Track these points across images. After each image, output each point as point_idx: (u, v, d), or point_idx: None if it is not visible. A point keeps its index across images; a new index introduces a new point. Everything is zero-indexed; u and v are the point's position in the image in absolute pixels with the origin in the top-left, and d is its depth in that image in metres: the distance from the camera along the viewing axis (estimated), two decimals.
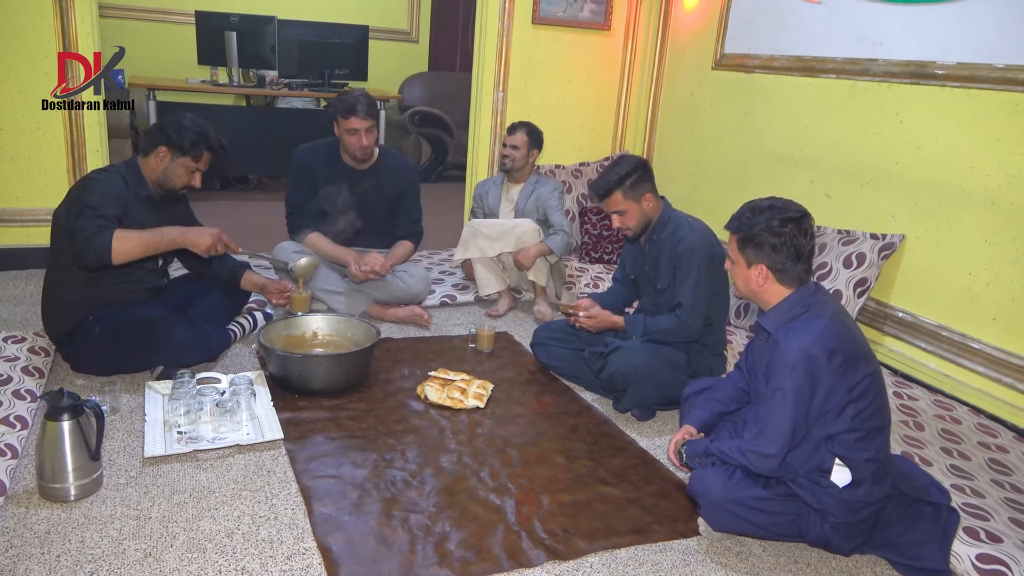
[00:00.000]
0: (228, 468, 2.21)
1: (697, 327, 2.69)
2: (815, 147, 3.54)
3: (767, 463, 1.91)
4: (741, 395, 2.23)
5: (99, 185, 2.56)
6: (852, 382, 1.87)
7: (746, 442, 1.96)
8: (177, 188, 2.73)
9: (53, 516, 1.93)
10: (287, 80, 6.00)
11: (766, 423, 1.91)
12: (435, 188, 6.65)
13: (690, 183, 4.35)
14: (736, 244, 1.99)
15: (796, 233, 1.92)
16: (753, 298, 2.04)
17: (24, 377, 2.52)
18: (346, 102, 3.26)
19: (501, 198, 3.91)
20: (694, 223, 2.71)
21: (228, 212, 5.35)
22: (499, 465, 2.34)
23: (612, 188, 2.66)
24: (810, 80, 3.57)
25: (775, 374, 1.89)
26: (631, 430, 2.67)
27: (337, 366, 2.71)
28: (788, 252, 1.92)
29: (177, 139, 2.63)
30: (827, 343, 1.85)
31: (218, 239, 2.67)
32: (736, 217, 2.01)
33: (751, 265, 1.97)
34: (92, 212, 2.45)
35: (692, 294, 2.65)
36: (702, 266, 2.64)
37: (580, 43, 4.57)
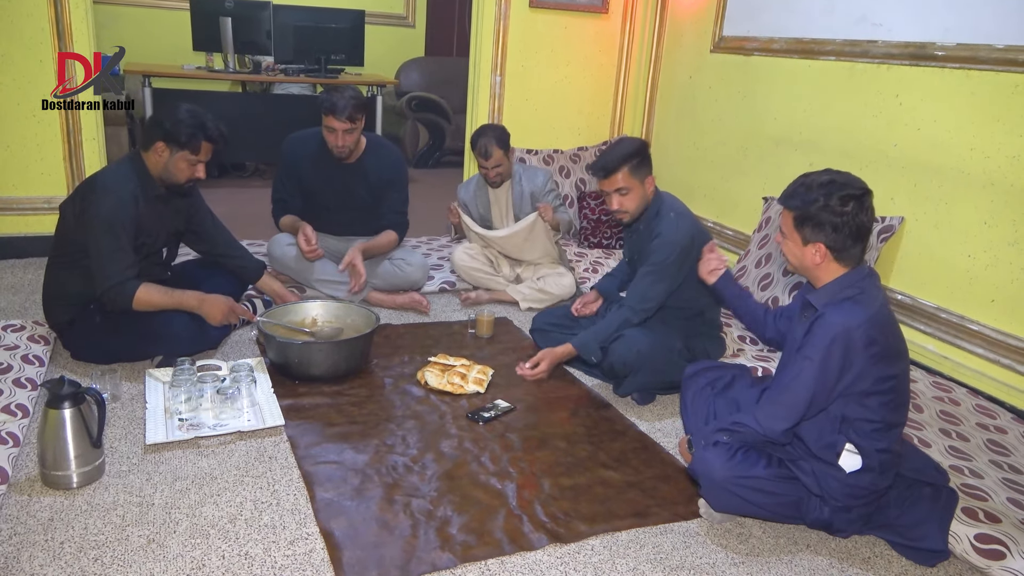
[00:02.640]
0: (230, 454, 2.22)
1: (640, 313, 2.69)
2: (814, 130, 3.53)
3: (775, 425, 1.92)
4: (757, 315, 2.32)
5: (113, 201, 2.53)
6: (882, 375, 1.86)
7: (759, 405, 1.96)
8: (181, 183, 2.68)
9: (56, 503, 1.94)
10: (283, 66, 5.96)
11: (786, 388, 1.92)
12: (432, 174, 6.63)
13: (689, 167, 4.34)
14: (792, 222, 1.92)
15: (858, 211, 1.86)
16: (805, 273, 2.00)
17: (24, 365, 2.52)
18: (330, 99, 3.19)
19: (490, 202, 3.70)
20: (677, 216, 2.68)
21: (225, 199, 5.32)
22: (499, 450, 2.35)
23: (619, 165, 2.63)
24: (809, 62, 3.55)
25: (809, 344, 1.88)
26: (631, 414, 2.67)
27: (337, 352, 2.71)
28: (849, 232, 1.86)
29: (173, 133, 2.58)
30: (871, 331, 1.83)
31: (230, 311, 2.73)
32: (792, 193, 1.93)
33: (808, 243, 1.91)
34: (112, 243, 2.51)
35: (642, 284, 2.68)
36: (669, 261, 2.63)
37: (578, 26, 4.55)
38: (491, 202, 3.66)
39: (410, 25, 7.45)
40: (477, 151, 3.47)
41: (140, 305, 2.58)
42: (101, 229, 2.52)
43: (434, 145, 6.90)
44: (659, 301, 2.71)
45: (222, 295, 2.76)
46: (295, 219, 3.42)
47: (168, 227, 2.81)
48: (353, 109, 3.19)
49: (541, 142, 4.61)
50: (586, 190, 4.50)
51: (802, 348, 1.92)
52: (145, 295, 2.58)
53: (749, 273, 3.40)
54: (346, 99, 3.18)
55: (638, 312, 2.71)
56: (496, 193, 3.64)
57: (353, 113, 3.20)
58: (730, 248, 4.00)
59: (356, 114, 3.22)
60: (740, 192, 4.00)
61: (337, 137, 3.26)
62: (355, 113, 3.21)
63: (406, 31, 7.43)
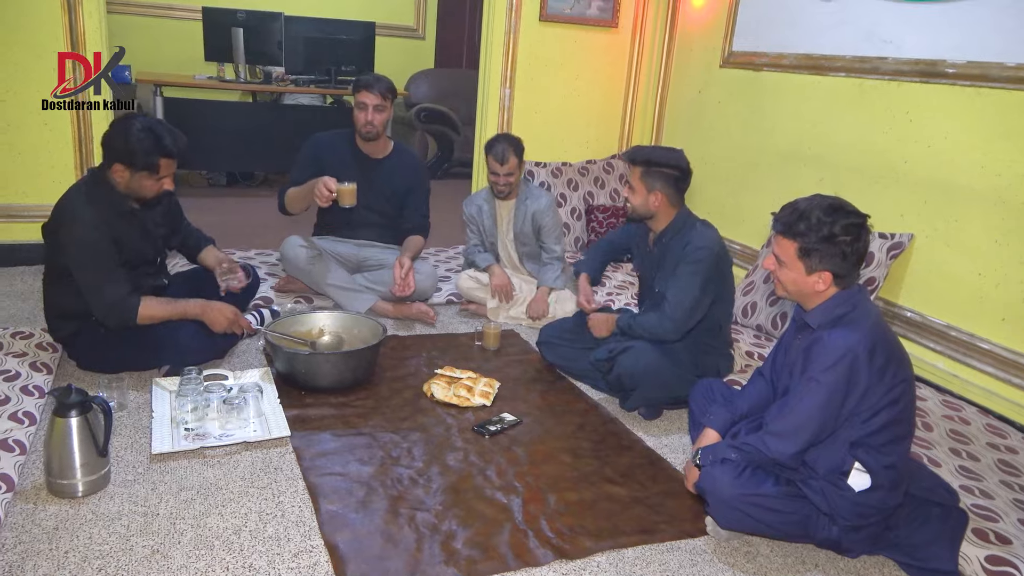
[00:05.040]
0: (235, 465, 2.21)
1: (679, 325, 2.64)
2: (823, 145, 3.53)
3: (783, 448, 1.91)
4: (764, 403, 2.21)
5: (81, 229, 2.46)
6: (889, 385, 1.86)
7: (767, 428, 1.95)
8: (149, 198, 2.59)
9: (61, 512, 1.93)
10: (293, 76, 6.00)
11: (793, 412, 1.91)
12: (441, 185, 6.63)
13: (697, 181, 4.26)
14: (796, 252, 1.91)
15: (862, 238, 1.88)
16: (800, 299, 2.00)
17: (32, 373, 2.53)
18: (363, 77, 3.38)
19: (496, 218, 3.64)
20: (705, 231, 2.69)
21: (234, 208, 5.36)
22: (505, 463, 2.34)
23: (638, 161, 2.66)
24: (819, 78, 3.55)
25: (813, 367, 1.88)
26: (638, 429, 2.66)
27: (344, 363, 2.71)
28: (856, 259, 1.89)
29: (129, 155, 2.45)
30: (871, 342, 1.84)
31: (234, 319, 2.71)
32: (791, 222, 1.91)
33: (812, 272, 1.91)
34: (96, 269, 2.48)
35: (683, 292, 2.63)
36: (704, 270, 2.62)
37: (587, 40, 4.56)
38: (496, 216, 3.63)
39: (420, 37, 7.49)
40: (493, 155, 3.42)
41: (144, 320, 2.57)
42: (81, 259, 2.48)
43: (442, 156, 6.91)
44: (700, 311, 2.65)
45: (227, 303, 2.76)
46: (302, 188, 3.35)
47: (153, 234, 2.75)
48: (386, 88, 3.35)
49: (549, 155, 4.62)
50: (594, 203, 4.50)
51: (806, 370, 1.92)
52: (147, 310, 2.56)
53: (757, 289, 3.39)
54: (380, 78, 3.37)
55: (680, 323, 2.63)
56: (501, 208, 3.62)
57: (385, 91, 3.34)
58: (739, 263, 3.99)
59: (388, 93, 3.35)
60: (748, 207, 4.00)
61: (368, 112, 3.32)
62: (387, 92, 3.35)
63: (416, 43, 7.46)
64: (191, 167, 5.81)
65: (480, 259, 3.62)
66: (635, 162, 2.69)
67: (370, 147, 3.49)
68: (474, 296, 3.64)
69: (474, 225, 3.69)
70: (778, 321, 3.24)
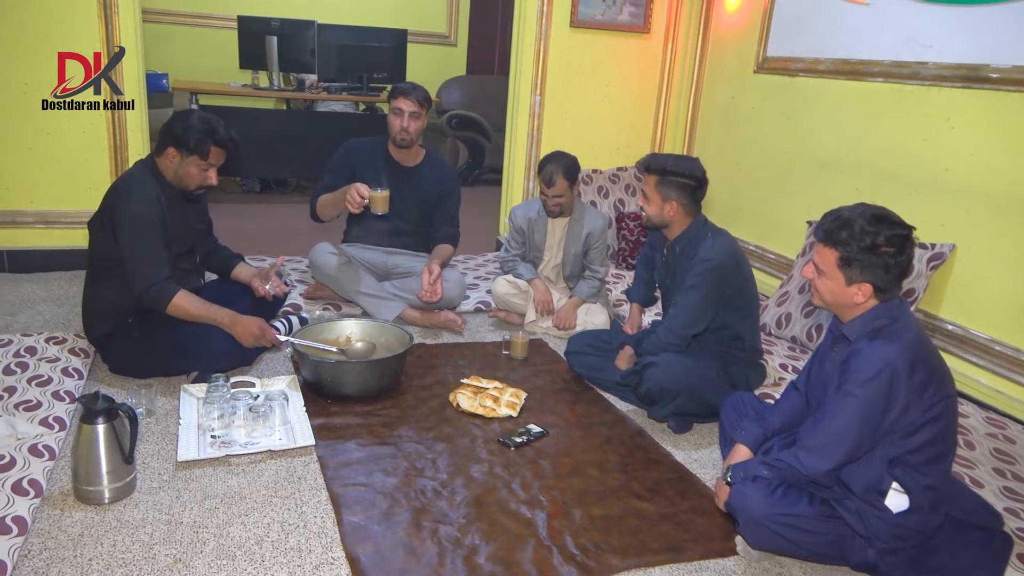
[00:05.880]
0: (260, 474, 2.21)
1: (678, 336, 2.64)
2: (861, 152, 3.44)
3: (817, 465, 1.85)
4: (798, 418, 2.14)
5: (138, 202, 2.56)
6: (929, 402, 1.79)
7: (800, 445, 1.89)
8: (192, 188, 2.70)
9: (87, 519, 1.94)
10: (326, 84, 6.05)
11: (828, 427, 1.85)
12: (471, 192, 6.60)
13: (730, 188, 4.27)
14: (836, 262, 1.85)
15: (906, 251, 1.81)
16: (837, 310, 1.94)
17: (64, 378, 2.56)
18: (401, 84, 3.41)
19: (547, 234, 3.55)
20: (718, 241, 2.63)
21: (267, 214, 5.41)
22: (530, 476, 2.30)
23: (652, 171, 2.63)
24: (856, 84, 3.47)
25: (849, 381, 1.82)
26: (667, 443, 2.61)
27: (369, 372, 2.70)
28: (898, 272, 1.82)
29: (183, 139, 2.59)
30: (911, 356, 1.77)
31: (260, 335, 2.72)
32: (832, 231, 1.85)
33: (852, 283, 1.85)
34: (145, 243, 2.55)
35: (682, 304, 2.62)
36: (706, 283, 2.58)
37: (619, 46, 4.52)
38: (547, 231, 3.55)
39: (452, 44, 7.51)
40: (542, 177, 3.35)
41: (175, 310, 2.60)
42: (132, 231, 2.55)
43: (473, 163, 6.91)
44: (701, 324, 2.64)
45: (255, 317, 2.77)
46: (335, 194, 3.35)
47: (192, 227, 2.84)
48: (423, 96, 3.39)
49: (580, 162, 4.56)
50: (624, 211, 4.45)
51: (842, 385, 1.86)
52: (182, 301, 2.61)
53: (792, 299, 3.31)
54: (417, 86, 3.42)
55: (678, 336, 2.65)
56: (554, 225, 3.54)
57: (423, 99, 3.37)
58: (772, 272, 3.91)
59: (424, 101, 3.39)
60: (783, 215, 3.91)
61: (404, 119, 3.34)
62: (424, 100, 3.38)
63: (448, 50, 7.48)
64: (226, 173, 5.88)
65: (524, 270, 3.55)
66: (650, 171, 2.65)
67: (402, 155, 3.49)
68: (510, 303, 3.60)
69: (521, 237, 3.60)
70: (813, 333, 3.15)
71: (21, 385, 2.47)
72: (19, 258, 3.81)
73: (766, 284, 3.85)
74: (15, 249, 3.80)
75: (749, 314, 2.72)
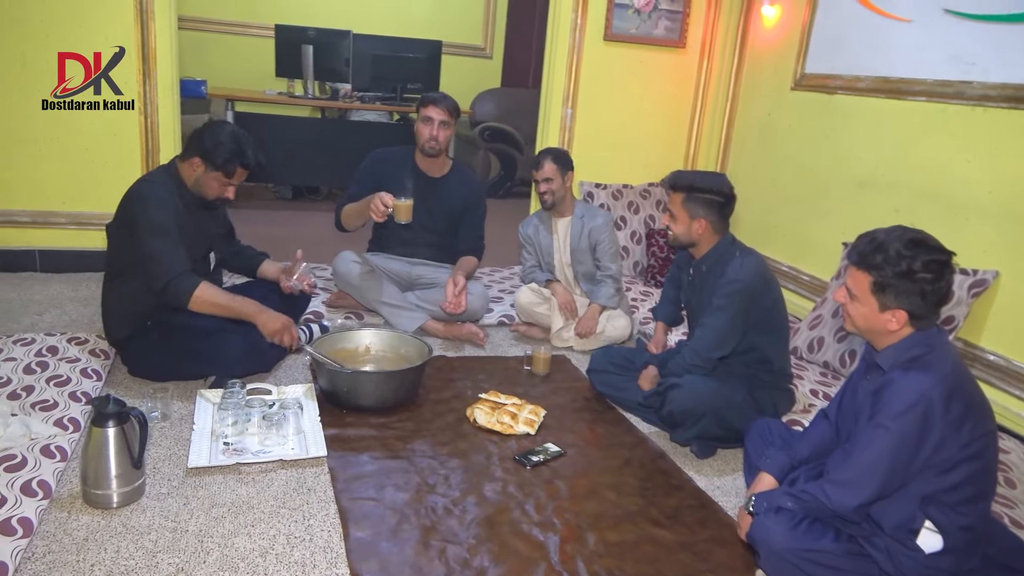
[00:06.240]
0: (269, 483, 2.17)
1: (703, 358, 2.55)
2: (901, 173, 3.33)
3: (846, 499, 1.76)
4: (826, 448, 2.05)
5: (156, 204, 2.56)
6: (967, 439, 1.70)
7: (828, 477, 1.80)
8: (209, 199, 2.71)
9: (93, 523, 1.92)
10: (360, 93, 6.07)
11: (858, 460, 1.76)
12: (502, 204, 6.59)
13: (764, 207, 4.17)
14: (870, 286, 1.77)
15: (944, 278, 1.72)
16: (870, 337, 1.86)
17: (82, 379, 2.56)
18: (430, 94, 3.39)
19: (552, 235, 3.55)
20: (746, 260, 2.54)
21: (298, 221, 5.43)
22: (545, 497, 2.23)
23: (679, 188, 2.56)
24: (897, 103, 3.36)
25: (882, 413, 1.73)
26: (689, 467, 2.52)
27: (386, 383, 2.66)
28: (936, 299, 1.74)
29: (212, 154, 2.60)
30: (948, 388, 1.68)
31: (285, 329, 2.68)
32: (866, 254, 1.77)
33: (886, 309, 1.77)
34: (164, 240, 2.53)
35: (709, 326, 2.54)
36: (733, 304, 2.49)
37: (653, 60, 4.46)
38: (552, 235, 3.54)
39: (487, 56, 7.51)
40: (532, 164, 3.46)
41: (199, 303, 2.55)
42: (151, 231, 2.54)
43: (505, 176, 6.88)
44: (727, 346, 2.55)
45: (283, 314, 2.74)
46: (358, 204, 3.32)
47: (209, 232, 2.85)
48: (452, 105, 3.37)
49: (610, 176, 4.52)
50: (655, 227, 4.37)
51: (874, 416, 1.77)
52: (206, 293, 2.56)
53: (825, 323, 3.20)
54: (446, 95, 3.40)
55: (704, 358, 2.56)
56: (557, 225, 3.52)
57: (451, 108, 3.35)
58: (806, 295, 3.80)
59: (454, 111, 3.37)
60: (818, 235, 3.80)
61: (433, 127, 3.32)
62: (453, 109, 3.36)
63: (483, 62, 7.48)
64: (259, 180, 5.93)
65: (540, 275, 3.54)
66: (676, 188, 2.57)
67: (429, 164, 3.46)
68: (534, 313, 3.55)
69: (530, 246, 3.60)
70: (847, 359, 3.04)
71: (40, 384, 2.47)
72: (51, 258, 3.85)
73: (799, 306, 3.74)
74: (47, 249, 3.84)
75: (778, 337, 2.62)
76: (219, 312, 2.62)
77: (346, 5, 6.82)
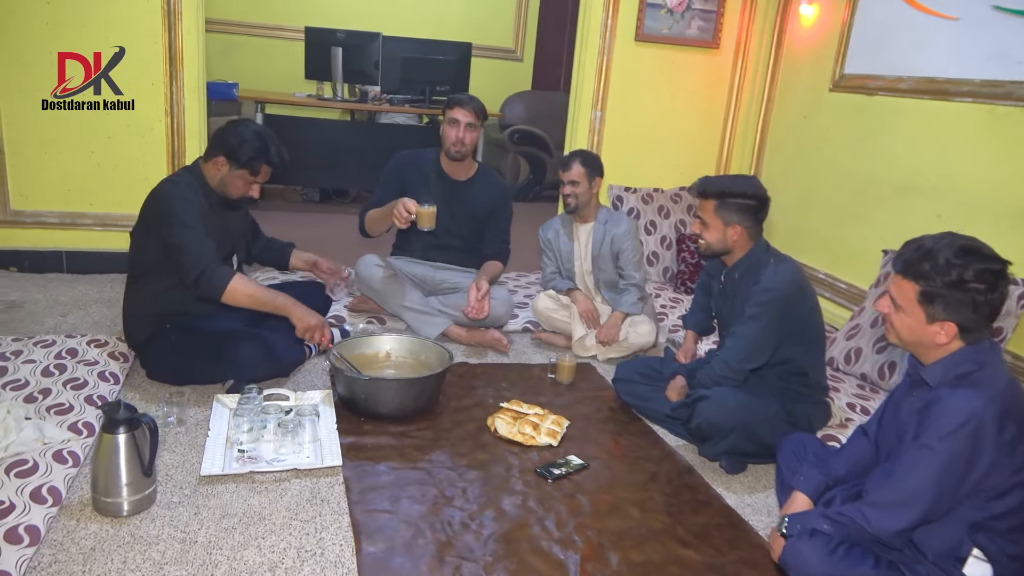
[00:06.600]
0: (282, 493, 2.12)
1: (735, 370, 2.44)
2: (944, 178, 3.18)
3: (887, 523, 1.65)
4: (865, 467, 1.93)
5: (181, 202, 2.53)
6: (1021, 463, 1.58)
7: (868, 498, 1.69)
8: (233, 198, 2.69)
9: (101, 531, 1.88)
10: (389, 96, 6.04)
11: (901, 482, 1.65)
12: (531, 208, 6.51)
13: (799, 211, 4.03)
14: (916, 296, 1.67)
15: (998, 288, 1.61)
16: (915, 350, 1.75)
17: (99, 383, 2.53)
18: (457, 95, 3.31)
19: (573, 241, 3.42)
20: (781, 267, 2.42)
21: (325, 223, 5.41)
22: (566, 513, 2.14)
23: (710, 194, 2.45)
24: (941, 104, 3.22)
25: (928, 432, 1.62)
26: (718, 484, 2.41)
27: (405, 391, 2.59)
28: (988, 311, 1.63)
29: (236, 151, 2.58)
30: (1000, 409, 1.57)
31: (319, 327, 2.64)
32: (913, 261, 1.67)
33: (934, 321, 1.66)
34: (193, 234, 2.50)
35: (741, 335, 2.42)
36: (767, 313, 2.37)
37: (685, 61, 4.35)
38: (573, 241, 3.43)
39: (518, 59, 7.44)
40: (560, 164, 3.33)
41: (233, 294, 2.50)
42: (179, 227, 2.50)
43: (534, 179, 6.81)
44: (760, 358, 2.44)
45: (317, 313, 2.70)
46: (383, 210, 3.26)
47: (232, 233, 2.82)
48: (479, 107, 3.29)
49: (640, 180, 4.42)
50: (686, 232, 4.26)
51: (919, 436, 1.65)
52: (241, 283, 2.52)
53: (863, 333, 3.06)
54: (473, 97, 3.32)
55: (735, 369, 2.45)
56: (579, 231, 3.40)
57: (478, 110, 3.27)
58: (843, 303, 3.66)
59: (481, 113, 3.29)
60: (856, 242, 3.66)
61: (459, 130, 3.25)
62: (480, 111, 3.28)
63: (513, 64, 7.42)
64: (287, 182, 5.92)
65: (560, 283, 3.45)
66: (707, 195, 2.46)
67: (455, 167, 3.40)
68: (553, 320, 3.46)
69: (551, 251, 3.49)
70: (886, 371, 2.91)
71: (56, 387, 2.45)
72: (77, 259, 3.86)
73: (835, 315, 3.60)
74: (74, 250, 3.85)
75: (814, 348, 2.50)
76: (253, 304, 2.57)
77: (376, 7, 6.81)
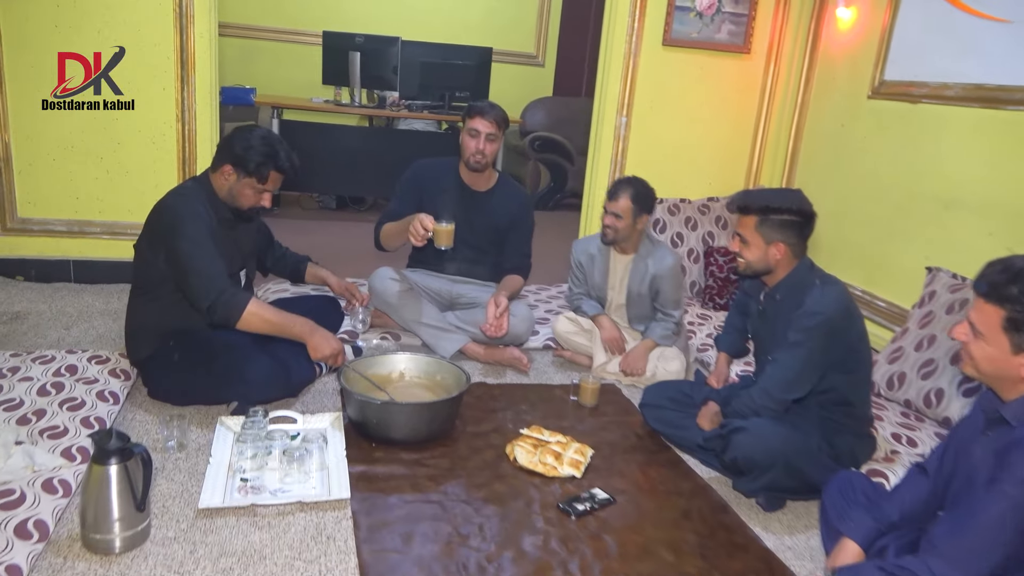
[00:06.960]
0: (286, 529, 1.97)
1: (775, 400, 2.25)
2: (995, 191, 2.99)
3: None
4: (922, 511, 1.75)
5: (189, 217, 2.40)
6: None
7: (934, 550, 1.52)
8: (244, 209, 2.55)
9: (90, 571, 1.74)
10: (408, 101, 5.92)
11: (973, 531, 1.48)
12: (551, 216, 6.36)
13: (834, 225, 3.83)
14: (1002, 323, 1.50)
15: None
16: (996, 384, 1.58)
17: (98, 403, 2.40)
18: (477, 104, 3.14)
19: (608, 272, 3.21)
20: (827, 289, 2.24)
21: (340, 232, 5.27)
22: (591, 555, 1.97)
23: (751, 210, 2.27)
24: (991, 112, 3.02)
25: (1007, 478, 1.45)
26: (755, 523, 2.23)
27: (419, 416, 2.44)
28: None
29: (242, 159, 2.45)
30: None
31: (337, 354, 2.52)
32: (998, 284, 1.51)
33: (1021, 352, 1.49)
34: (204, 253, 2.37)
35: (782, 363, 2.24)
36: (812, 339, 2.19)
37: (715, 67, 4.17)
38: (609, 270, 3.21)
39: (539, 64, 7.30)
40: (609, 192, 3.07)
41: (249, 319, 2.38)
42: (188, 245, 2.37)
43: (555, 187, 6.65)
44: (804, 387, 2.25)
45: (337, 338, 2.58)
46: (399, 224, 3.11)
47: (242, 250, 2.69)
48: (500, 116, 3.14)
49: (667, 190, 4.23)
50: (714, 244, 4.08)
51: (995, 480, 1.47)
52: (258, 308, 2.41)
53: (907, 356, 2.87)
54: (494, 105, 3.15)
55: (776, 400, 2.26)
56: (616, 262, 3.18)
57: (499, 119, 3.12)
58: (882, 323, 3.46)
59: (502, 123, 3.15)
60: (896, 258, 3.47)
61: (479, 141, 3.10)
62: (501, 121, 3.14)
63: (534, 70, 7.28)
64: (304, 189, 5.81)
65: (587, 306, 3.25)
66: (748, 211, 2.28)
67: (474, 178, 3.24)
68: (573, 343, 3.30)
69: (581, 274, 3.28)
70: (932, 398, 2.71)
71: (52, 408, 2.32)
72: (85, 268, 3.76)
73: (876, 336, 3.39)
74: (82, 259, 3.75)
75: (860, 376, 2.32)
76: (269, 330, 2.45)
77: (395, 12, 6.70)
